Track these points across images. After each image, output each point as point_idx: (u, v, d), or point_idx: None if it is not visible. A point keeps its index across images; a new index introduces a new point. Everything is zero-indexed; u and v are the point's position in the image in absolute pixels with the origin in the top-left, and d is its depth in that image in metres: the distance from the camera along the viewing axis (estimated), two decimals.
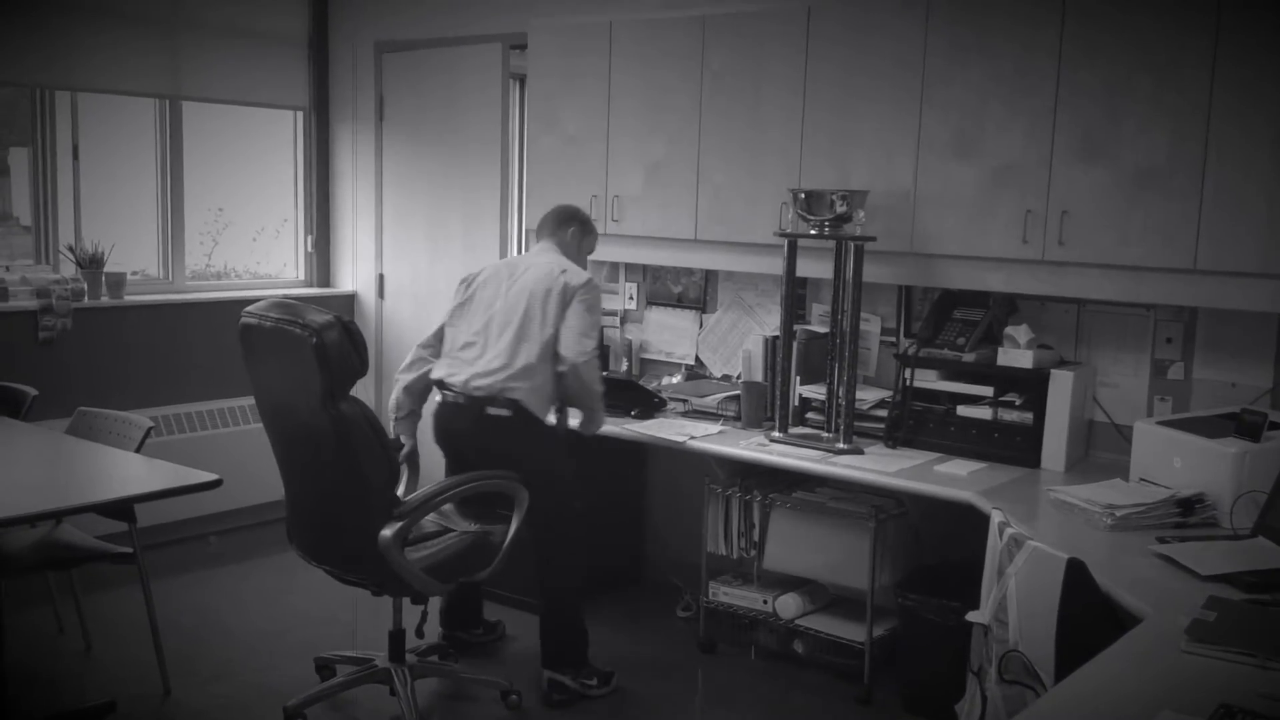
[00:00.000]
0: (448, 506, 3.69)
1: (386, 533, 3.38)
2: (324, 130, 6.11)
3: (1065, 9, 3.48)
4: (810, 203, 3.85)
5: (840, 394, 3.93)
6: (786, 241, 3.97)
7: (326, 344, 3.28)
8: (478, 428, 3.76)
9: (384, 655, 3.77)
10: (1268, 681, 1.98)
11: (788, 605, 4.05)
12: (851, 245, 3.85)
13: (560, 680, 3.85)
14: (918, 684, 3.75)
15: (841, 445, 3.87)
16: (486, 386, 3.74)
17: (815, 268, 4.08)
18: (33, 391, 4.23)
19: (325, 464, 3.42)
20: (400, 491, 3.65)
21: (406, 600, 3.76)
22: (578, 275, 3.83)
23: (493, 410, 3.74)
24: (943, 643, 3.52)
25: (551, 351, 3.76)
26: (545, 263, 3.89)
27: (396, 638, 3.75)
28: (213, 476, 3.37)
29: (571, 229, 4.03)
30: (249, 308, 3.54)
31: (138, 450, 3.79)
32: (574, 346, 3.75)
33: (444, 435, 3.90)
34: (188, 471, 3.45)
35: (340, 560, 3.57)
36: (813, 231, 3.88)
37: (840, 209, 3.79)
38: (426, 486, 3.59)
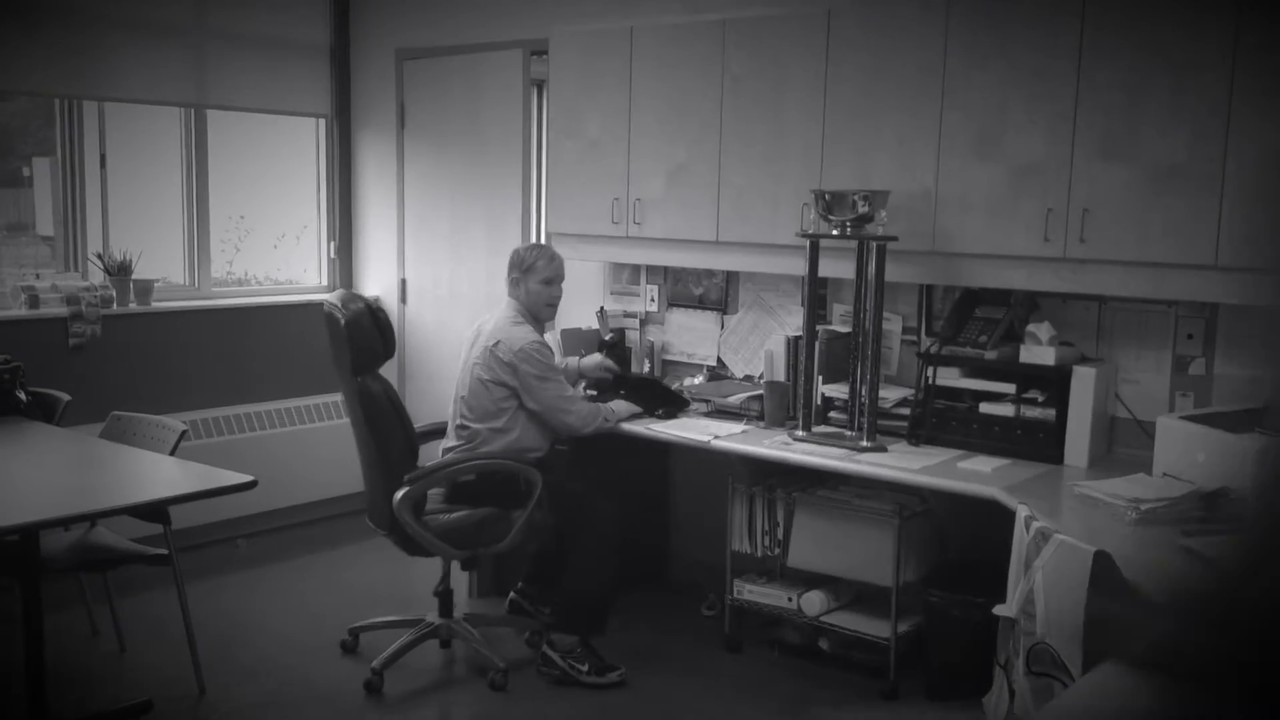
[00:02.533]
0: None
1: (398, 495, 3.81)
2: (346, 137, 6.17)
3: (1084, 13, 3.51)
4: (832, 203, 3.88)
5: (863, 392, 3.96)
6: (808, 242, 4.00)
7: (355, 326, 3.90)
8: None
9: (434, 613, 4.14)
10: None
11: (812, 602, 4.08)
12: (874, 245, 3.89)
13: (551, 656, 3.99)
14: (944, 679, 3.78)
15: (865, 443, 3.90)
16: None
17: (837, 268, 4.11)
18: (66, 397, 4.29)
19: (361, 434, 4.03)
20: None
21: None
22: (510, 344, 4.00)
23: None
24: (968, 638, 3.55)
25: (505, 418, 4.04)
26: (489, 332, 4.10)
27: (445, 596, 4.15)
28: (248, 478, 3.41)
29: (512, 278, 4.17)
30: (328, 297, 4.15)
31: (172, 454, 3.83)
32: (567, 424, 4.06)
33: None
34: (222, 473, 3.50)
35: (378, 521, 4.07)
36: (835, 232, 3.91)
37: (862, 209, 3.82)
38: (436, 460, 3.95)
